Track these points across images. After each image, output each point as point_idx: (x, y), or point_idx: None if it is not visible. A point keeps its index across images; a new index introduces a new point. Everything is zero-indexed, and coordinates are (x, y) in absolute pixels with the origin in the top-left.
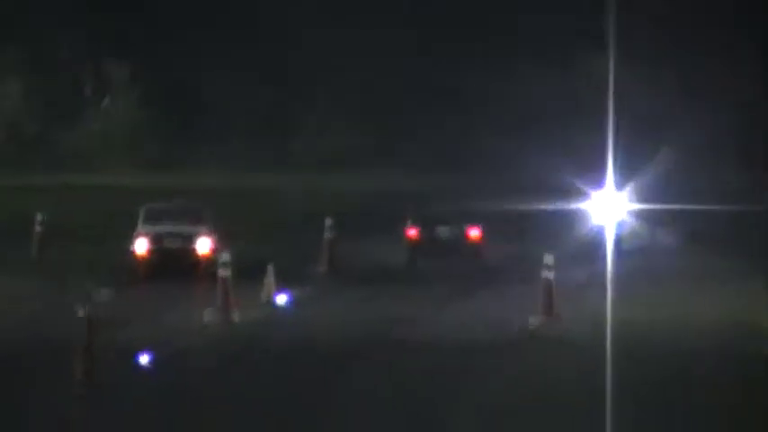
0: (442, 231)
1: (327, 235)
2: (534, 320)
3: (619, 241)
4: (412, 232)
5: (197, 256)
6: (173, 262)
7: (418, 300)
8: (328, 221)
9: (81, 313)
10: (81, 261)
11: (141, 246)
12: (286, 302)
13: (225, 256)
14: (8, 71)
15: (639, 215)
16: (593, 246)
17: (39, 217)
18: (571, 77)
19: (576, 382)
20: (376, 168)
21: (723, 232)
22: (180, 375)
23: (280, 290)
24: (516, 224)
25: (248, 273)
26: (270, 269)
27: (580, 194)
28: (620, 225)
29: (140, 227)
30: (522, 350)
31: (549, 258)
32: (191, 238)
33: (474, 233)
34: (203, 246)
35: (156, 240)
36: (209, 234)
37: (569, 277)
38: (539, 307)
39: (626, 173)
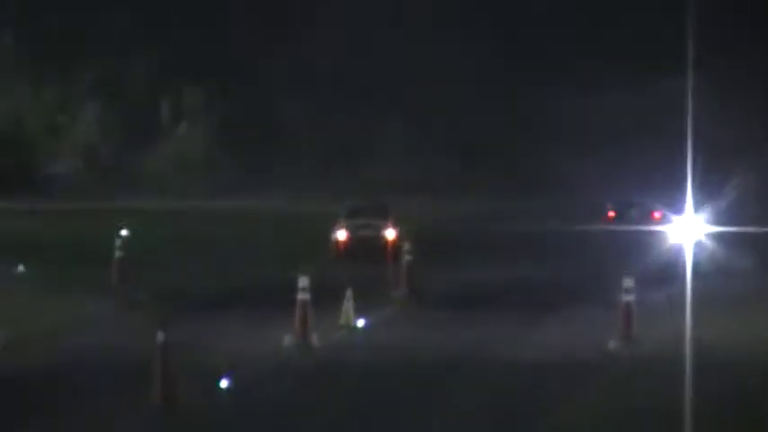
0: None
1: (407, 258)
2: (614, 344)
3: (697, 264)
4: None
5: (386, 242)
6: (367, 247)
7: (497, 323)
8: (406, 245)
9: (160, 337)
10: (160, 285)
11: (342, 234)
12: (365, 326)
13: (303, 281)
14: (85, 96)
15: (717, 238)
16: (671, 268)
17: (118, 242)
18: (651, 101)
19: (656, 404)
20: (455, 193)
21: None
22: (259, 401)
23: (359, 314)
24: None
25: (328, 296)
26: (349, 293)
27: (662, 218)
28: (697, 247)
29: (341, 220)
30: (600, 373)
31: (628, 282)
32: (380, 228)
33: None
34: (390, 234)
35: (353, 230)
36: (394, 225)
37: (648, 299)
38: (618, 330)
39: (704, 196)
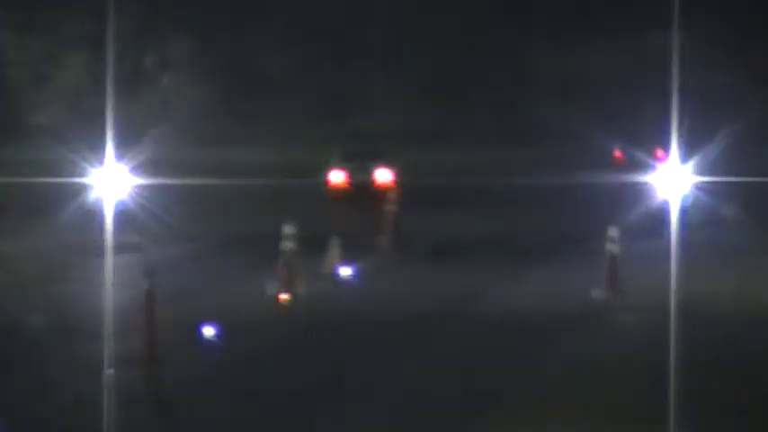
0: None
1: (391, 207)
2: (598, 293)
3: (684, 215)
4: None
5: (380, 185)
6: (362, 190)
7: (483, 272)
8: (391, 194)
9: (145, 286)
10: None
11: (336, 177)
12: (350, 275)
13: (288, 230)
14: (68, 46)
15: (705, 189)
16: (658, 220)
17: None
18: (637, 51)
19: (641, 354)
20: (441, 143)
21: None
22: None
23: (343, 262)
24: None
25: (315, 246)
26: (334, 241)
27: (645, 167)
28: (685, 199)
29: (336, 164)
30: (585, 323)
31: (613, 231)
32: (374, 171)
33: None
34: (385, 177)
35: (349, 173)
36: (389, 169)
37: (633, 251)
38: (603, 280)
39: (691, 147)
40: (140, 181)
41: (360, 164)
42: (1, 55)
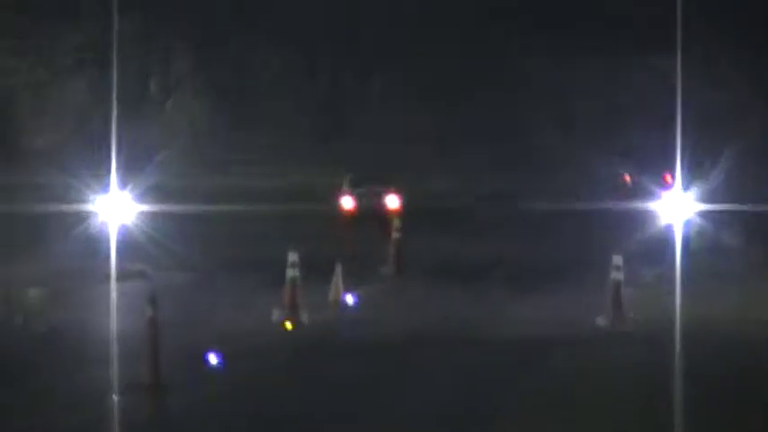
0: None
1: (395, 235)
2: (602, 320)
3: (686, 242)
4: None
5: (389, 211)
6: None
7: (487, 297)
8: (396, 221)
9: (148, 313)
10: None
11: (348, 203)
12: (353, 303)
13: (292, 256)
14: (72, 67)
15: (706, 216)
16: (661, 246)
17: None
18: (639, 76)
19: (647, 377)
20: (444, 169)
21: None
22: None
23: (348, 290)
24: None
25: (317, 272)
26: (338, 269)
27: (648, 194)
28: (687, 225)
29: (346, 189)
30: (590, 347)
31: (617, 259)
32: (383, 197)
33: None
34: (392, 203)
35: (358, 198)
36: (397, 194)
37: (637, 277)
38: (607, 307)
39: (693, 174)
40: (144, 207)
41: (370, 189)
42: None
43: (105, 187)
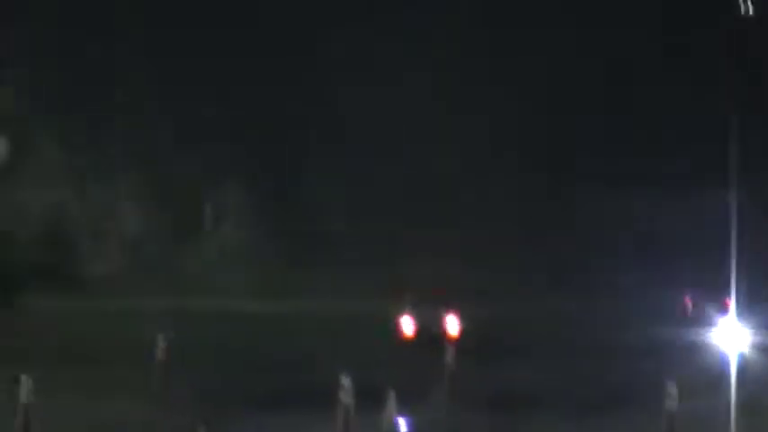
0: None
1: (447, 360)
2: None
3: (742, 371)
4: None
5: (449, 335)
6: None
7: (539, 425)
8: (450, 348)
9: None
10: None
11: (408, 326)
12: (407, 430)
13: (345, 381)
14: (128, 195)
15: (763, 345)
16: (717, 375)
17: (161, 342)
18: (694, 208)
19: None
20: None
21: None
22: None
23: (401, 416)
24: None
25: (374, 397)
26: (391, 394)
27: (712, 319)
28: (743, 355)
29: (406, 310)
30: None
31: (672, 387)
32: (443, 320)
33: None
34: (453, 328)
35: (418, 321)
36: (458, 318)
37: (692, 407)
38: None
39: (749, 303)
40: None
41: (430, 311)
42: (63, 208)
43: None
